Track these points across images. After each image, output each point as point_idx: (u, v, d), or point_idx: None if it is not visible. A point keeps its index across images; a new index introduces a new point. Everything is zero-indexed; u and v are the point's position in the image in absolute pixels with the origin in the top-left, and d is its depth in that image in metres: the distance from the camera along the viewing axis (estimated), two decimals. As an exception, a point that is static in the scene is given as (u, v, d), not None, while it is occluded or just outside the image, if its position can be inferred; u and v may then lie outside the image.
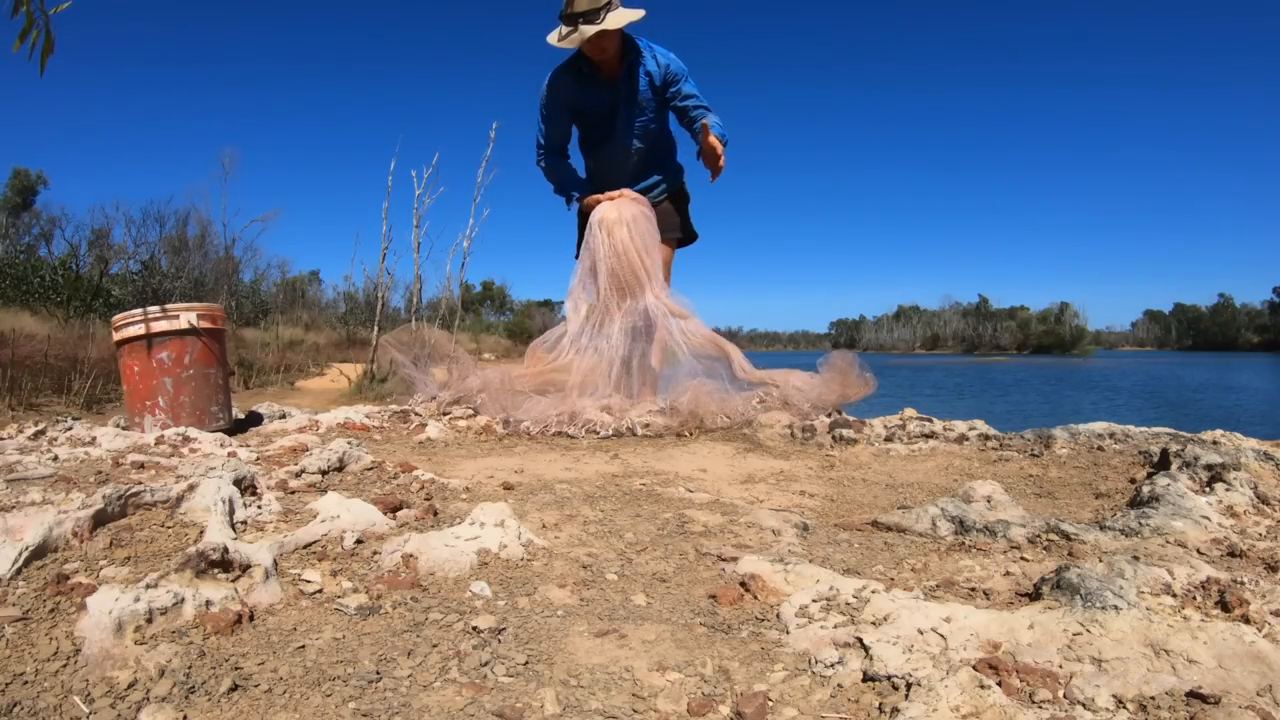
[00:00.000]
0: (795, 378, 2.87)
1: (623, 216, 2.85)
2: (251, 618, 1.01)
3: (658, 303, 2.88)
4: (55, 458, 1.90)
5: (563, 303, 3.07)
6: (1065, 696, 0.81)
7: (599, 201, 2.93)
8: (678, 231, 3.14)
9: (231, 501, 1.37)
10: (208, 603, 0.99)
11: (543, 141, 3.05)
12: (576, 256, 3.07)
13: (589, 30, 2.69)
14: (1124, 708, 0.78)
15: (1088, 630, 0.90)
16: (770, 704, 0.82)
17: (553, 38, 2.79)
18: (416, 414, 2.78)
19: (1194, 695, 0.78)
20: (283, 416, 2.92)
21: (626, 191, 2.95)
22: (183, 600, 0.98)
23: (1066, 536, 1.34)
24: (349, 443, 1.89)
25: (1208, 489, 1.58)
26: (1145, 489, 1.57)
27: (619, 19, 2.71)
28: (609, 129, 2.98)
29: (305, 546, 1.24)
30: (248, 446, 2.15)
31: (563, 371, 2.87)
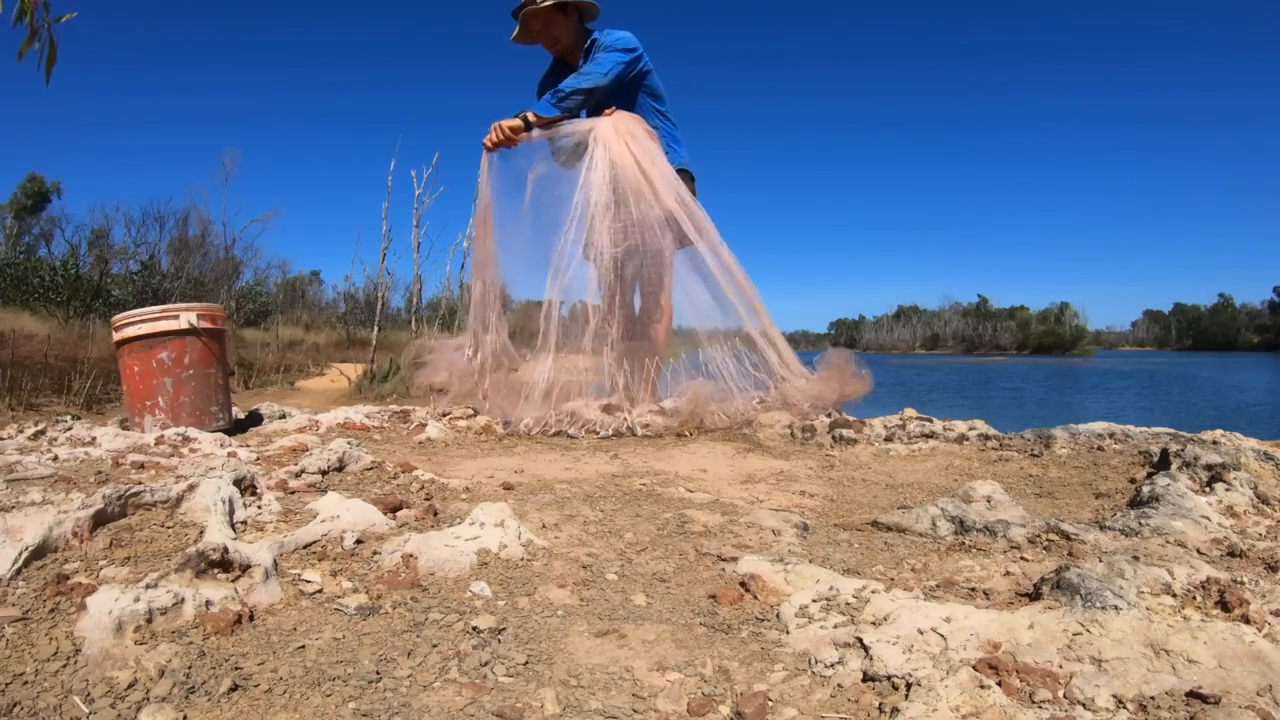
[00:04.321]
0: (799, 382, 2.86)
1: (621, 131, 2.73)
2: (251, 618, 1.01)
3: (679, 210, 2.67)
4: (55, 458, 1.90)
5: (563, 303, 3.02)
6: (1065, 696, 0.80)
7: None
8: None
9: (231, 502, 1.37)
10: (208, 603, 0.99)
11: None
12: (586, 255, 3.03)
13: (522, 12, 2.82)
14: (1124, 708, 0.78)
15: (1088, 630, 0.90)
16: (770, 704, 0.82)
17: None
18: (416, 414, 2.78)
19: (1194, 695, 0.78)
20: (283, 416, 2.92)
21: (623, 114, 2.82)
22: (183, 600, 0.98)
23: (1066, 536, 1.34)
24: (349, 443, 1.89)
25: (1208, 489, 1.58)
26: (1145, 489, 1.57)
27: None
28: None
29: (305, 546, 1.24)
30: (248, 446, 2.15)
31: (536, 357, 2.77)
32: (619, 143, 2.71)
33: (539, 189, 2.88)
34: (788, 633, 0.98)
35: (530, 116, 2.77)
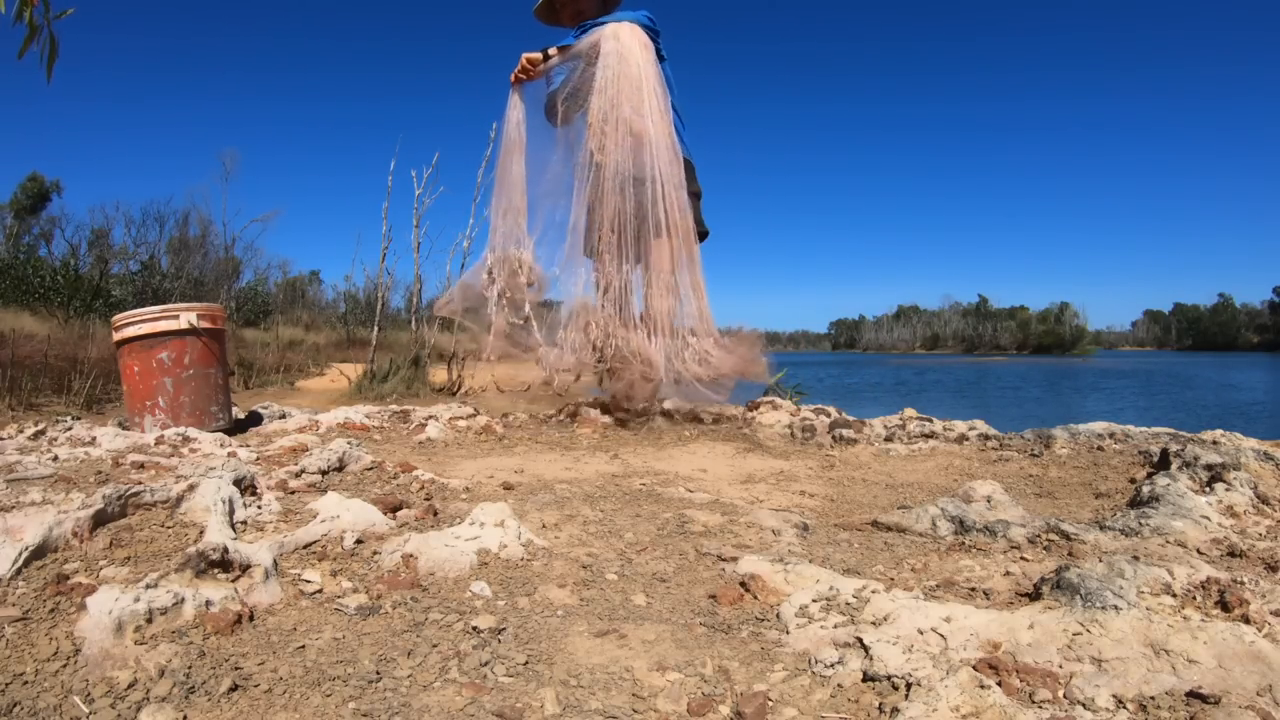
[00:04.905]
0: (708, 342, 2.75)
1: (638, 36, 2.67)
2: (251, 618, 1.01)
3: (665, 148, 2.59)
4: (55, 458, 1.90)
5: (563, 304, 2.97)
6: (1065, 696, 0.80)
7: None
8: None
9: (231, 501, 1.37)
10: (208, 603, 0.99)
11: None
12: (586, 253, 2.94)
13: None
14: (1124, 708, 0.78)
15: (1088, 630, 0.90)
16: (770, 704, 0.82)
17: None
18: (416, 414, 2.78)
19: (1194, 695, 0.78)
20: (283, 416, 2.92)
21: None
22: (183, 600, 0.98)
23: (1066, 536, 1.34)
24: (349, 443, 1.89)
25: (1208, 489, 1.58)
26: (1145, 489, 1.57)
27: None
28: None
29: (305, 546, 1.24)
30: (248, 446, 2.15)
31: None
32: (633, 41, 2.64)
33: (569, 108, 2.82)
34: (788, 633, 0.98)
35: (551, 51, 2.80)
